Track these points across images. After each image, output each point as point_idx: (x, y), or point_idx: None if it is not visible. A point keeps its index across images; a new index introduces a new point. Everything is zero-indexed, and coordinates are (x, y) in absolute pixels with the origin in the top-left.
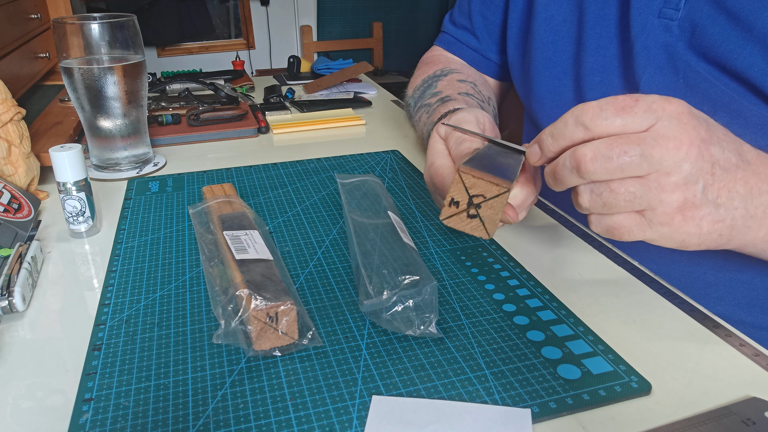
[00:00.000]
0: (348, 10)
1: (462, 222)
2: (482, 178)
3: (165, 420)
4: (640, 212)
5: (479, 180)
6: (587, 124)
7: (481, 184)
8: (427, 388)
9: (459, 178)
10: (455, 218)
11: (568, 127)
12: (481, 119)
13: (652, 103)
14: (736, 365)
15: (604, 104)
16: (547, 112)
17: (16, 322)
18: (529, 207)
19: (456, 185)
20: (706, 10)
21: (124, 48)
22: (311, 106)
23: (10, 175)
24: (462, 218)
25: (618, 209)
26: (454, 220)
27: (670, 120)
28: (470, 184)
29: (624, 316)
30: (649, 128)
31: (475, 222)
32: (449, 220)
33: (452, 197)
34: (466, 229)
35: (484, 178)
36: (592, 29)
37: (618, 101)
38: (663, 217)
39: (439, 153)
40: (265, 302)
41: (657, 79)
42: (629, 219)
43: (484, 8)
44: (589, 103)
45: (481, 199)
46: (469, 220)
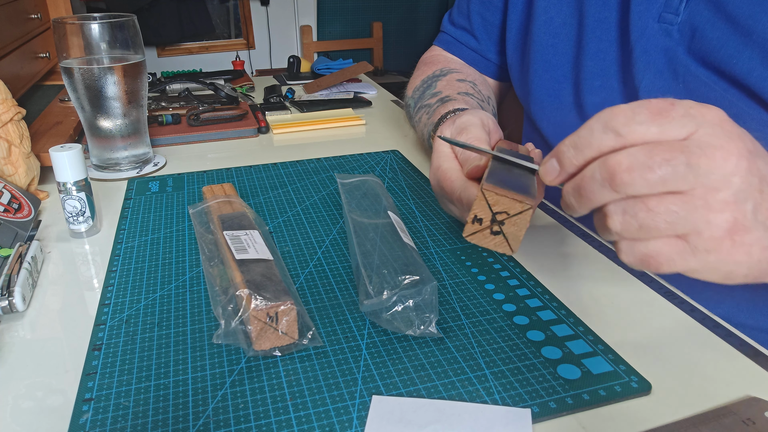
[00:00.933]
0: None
1: (485, 239)
2: (506, 196)
3: (165, 420)
4: (682, 237)
5: (502, 197)
6: (619, 130)
7: (504, 201)
8: (427, 388)
9: (482, 196)
10: (478, 235)
11: (595, 135)
12: (485, 121)
13: (690, 108)
14: (736, 365)
15: (636, 108)
16: (546, 115)
17: (16, 322)
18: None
19: (479, 202)
20: (705, 15)
21: (124, 48)
22: (311, 106)
23: (10, 175)
24: (485, 235)
25: (657, 233)
26: (477, 236)
27: (713, 127)
28: (493, 202)
29: (624, 316)
30: (688, 136)
31: (499, 239)
32: (472, 237)
33: (475, 214)
34: (490, 245)
35: (507, 196)
36: (591, 33)
37: (652, 104)
38: (710, 242)
39: (445, 156)
40: (265, 302)
41: (657, 83)
42: (669, 246)
43: (483, 9)
44: (619, 107)
45: (504, 216)
46: (493, 237)
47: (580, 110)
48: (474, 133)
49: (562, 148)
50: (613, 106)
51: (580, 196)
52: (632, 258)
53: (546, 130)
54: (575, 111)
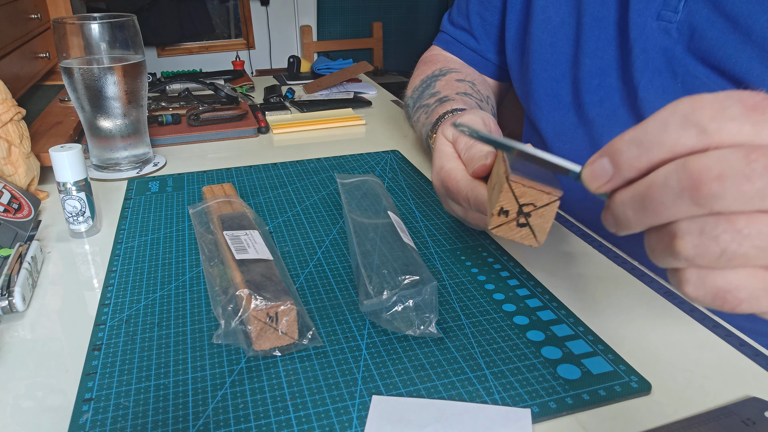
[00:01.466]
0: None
1: (512, 231)
2: (533, 187)
3: (165, 420)
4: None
5: (530, 189)
6: (705, 126)
7: (531, 193)
8: (427, 388)
9: (509, 188)
10: (504, 227)
11: (671, 131)
12: (486, 121)
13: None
14: (736, 365)
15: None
16: (545, 115)
17: (16, 322)
18: None
19: (506, 194)
20: (704, 14)
21: (124, 48)
22: (311, 106)
23: (10, 175)
24: (512, 227)
25: (742, 261)
26: (503, 228)
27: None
28: (520, 193)
29: (624, 316)
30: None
31: (525, 231)
32: (498, 230)
33: (501, 206)
34: (516, 237)
35: (534, 187)
36: (590, 31)
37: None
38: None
39: (448, 156)
40: (265, 302)
41: (655, 82)
42: (755, 279)
43: (482, 9)
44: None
45: (531, 207)
46: (519, 229)
47: (578, 109)
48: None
49: (620, 146)
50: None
51: (645, 209)
52: (702, 292)
53: (544, 130)
54: (573, 110)
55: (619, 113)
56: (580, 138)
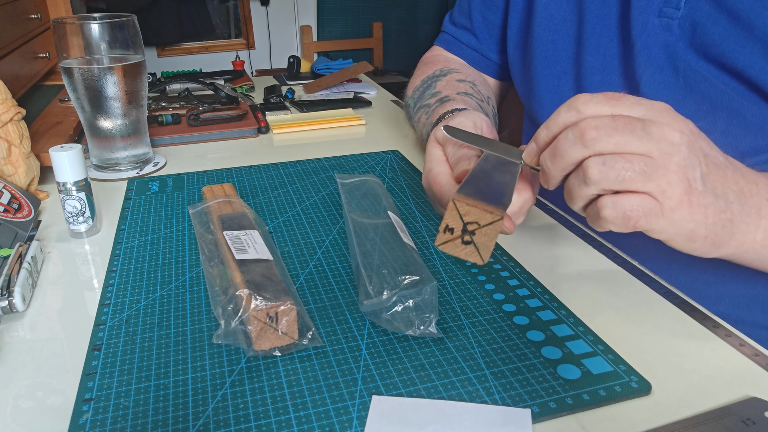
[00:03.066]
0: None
1: (457, 248)
2: (476, 206)
3: (165, 420)
4: (651, 195)
5: (473, 208)
6: (579, 108)
7: (475, 212)
8: (427, 388)
9: (453, 206)
10: (450, 244)
11: (561, 115)
12: (478, 123)
13: (640, 99)
14: (736, 365)
15: (595, 94)
16: (546, 112)
17: (16, 322)
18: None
19: (450, 212)
20: (706, 10)
21: (124, 48)
22: (311, 106)
23: (10, 175)
24: (457, 244)
25: (632, 183)
26: (449, 246)
27: (660, 111)
28: (464, 212)
29: (624, 316)
30: (641, 117)
31: (470, 248)
32: (444, 246)
33: (447, 224)
34: (461, 255)
35: (477, 206)
36: (592, 28)
37: (607, 94)
38: (673, 200)
39: (436, 160)
40: (265, 302)
41: (657, 78)
42: (645, 201)
43: (483, 8)
44: (581, 93)
45: (475, 226)
46: (464, 246)
47: None
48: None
49: (538, 132)
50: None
51: (554, 156)
52: (614, 213)
53: None
54: None
55: None
56: None
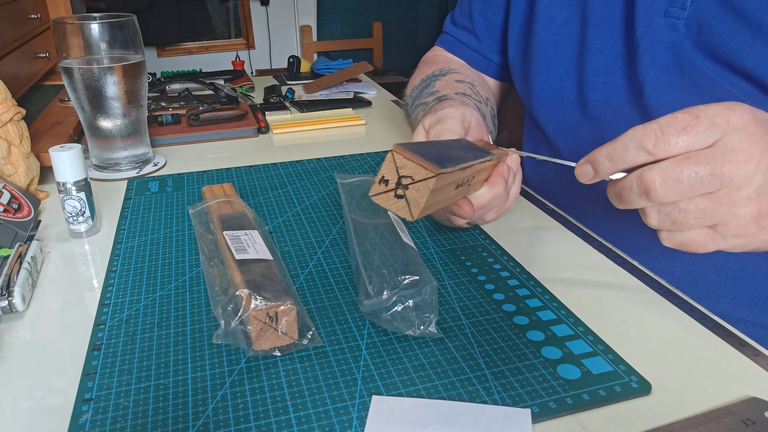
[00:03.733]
0: (348, 10)
1: (389, 200)
2: (412, 160)
3: (165, 420)
4: (712, 227)
5: (409, 161)
6: (650, 150)
7: (410, 166)
8: (427, 388)
9: (391, 157)
10: (383, 196)
11: (629, 152)
12: (467, 117)
13: (714, 117)
14: (736, 365)
15: (665, 127)
16: (549, 113)
17: (16, 322)
18: (502, 210)
19: (387, 164)
20: (712, 9)
21: (124, 48)
22: (311, 106)
23: (10, 175)
24: (389, 197)
25: (689, 226)
26: (381, 198)
27: (737, 132)
28: (400, 164)
29: (624, 316)
30: (714, 143)
31: (401, 202)
32: (377, 198)
33: (383, 175)
34: (392, 208)
35: (413, 160)
36: (595, 30)
37: (678, 122)
38: (737, 230)
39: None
40: (265, 302)
41: (663, 78)
42: (702, 234)
43: (484, 8)
44: (649, 127)
45: (409, 180)
46: (396, 200)
47: (583, 107)
48: (449, 124)
49: (598, 158)
50: (645, 125)
51: (621, 201)
52: (671, 244)
53: (548, 127)
54: (578, 108)
55: (626, 110)
56: (584, 134)
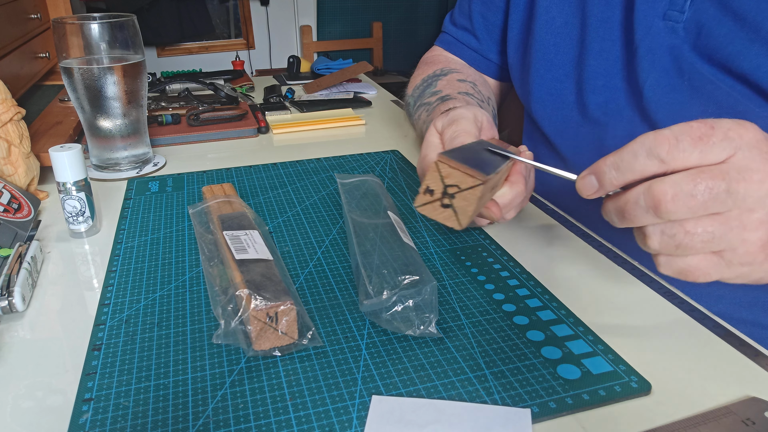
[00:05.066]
0: (348, 10)
1: (435, 211)
2: (458, 169)
3: (165, 420)
4: (717, 253)
5: (455, 170)
6: (663, 158)
7: (456, 175)
8: (427, 388)
9: (435, 167)
10: (429, 206)
11: (639, 160)
12: (479, 117)
13: (728, 130)
14: (736, 365)
15: (679, 134)
16: (548, 114)
17: (16, 322)
18: (520, 207)
19: (432, 174)
20: (711, 12)
21: (123, 48)
22: (311, 106)
23: (10, 175)
24: (435, 207)
25: (694, 251)
26: (427, 208)
27: (750, 150)
28: (446, 174)
29: (624, 316)
30: (727, 159)
31: (448, 212)
32: (423, 208)
33: (428, 185)
34: (439, 218)
35: (459, 169)
36: (594, 32)
37: (693, 130)
38: (744, 257)
39: (433, 146)
40: (265, 302)
41: (662, 81)
42: (705, 261)
43: (484, 9)
44: (662, 134)
45: (455, 189)
46: (443, 210)
47: (582, 109)
48: (464, 125)
49: (603, 168)
50: (656, 132)
51: (623, 217)
52: (670, 271)
53: (547, 128)
54: (577, 110)
55: (625, 113)
56: (583, 136)
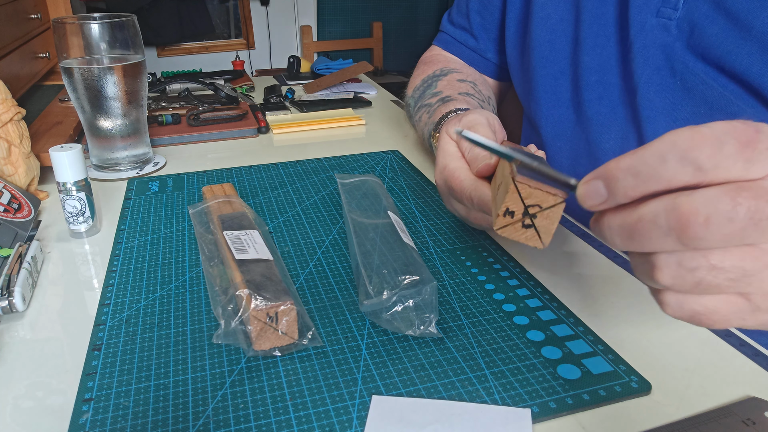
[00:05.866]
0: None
1: (517, 232)
2: (539, 189)
3: (165, 420)
4: (744, 294)
5: (536, 190)
6: (702, 164)
7: (537, 194)
8: (427, 388)
9: (515, 189)
10: (510, 228)
11: (669, 166)
12: (491, 121)
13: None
14: (736, 365)
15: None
16: (544, 112)
17: (16, 322)
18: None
19: (512, 195)
20: (704, 10)
21: (124, 48)
22: (311, 106)
23: (10, 175)
24: (517, 228)
25: (716, 290)
26: (508, 230)
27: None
28: (526, 195)
29: (624, 316)
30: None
31: (531, 232)
32: (504, 230)
33: (507, 207)
34: (521, 238)
35: (541, 189)
36: (589, 28)
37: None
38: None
39: (452, 156)
40: (265, 302)
41: (654, 79)
42: (728, 304)
43: (481, 8)
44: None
45: (537, 209)
46: (524, 230)
47: (577, 107)
48: (481, 132)
49: (616, 173)
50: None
51: (630, 238)
52: (680, 314)
53: (543, 128)
54: (572, 108)
55: (618, 111)
56: (578, 136)
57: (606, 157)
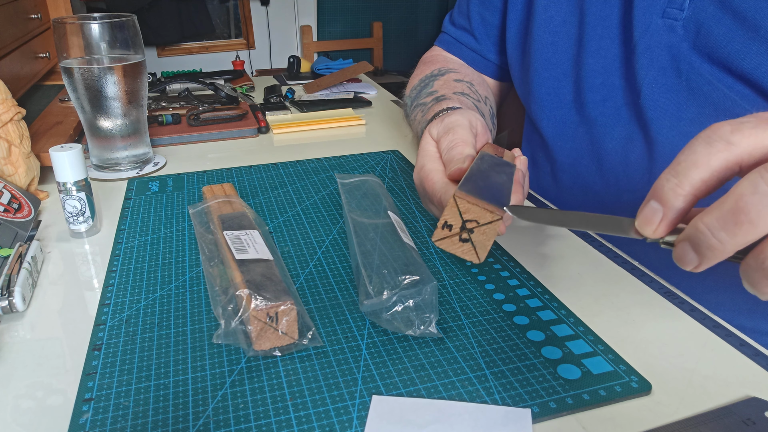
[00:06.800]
0: (348, 10)
1: (454, 245)
2: (477, 204)
3: (165, 420)
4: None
5: (473, 206)
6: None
7: (475, 210)
8: (427, 388)
9: (454, 203)
10: (447, 241)
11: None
12: (473, 122)
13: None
14: (736, 365)
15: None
16: (546, 114)
17: (16, 322)
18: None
19: (450, 209)
20: (711, 10)
21: (124, 48)
22: (311, 106)
23: (10, 175)
24: (454, 241)
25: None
26: (445, 242)
27: None
28: (464, 209)
29: (624, 316)
30: None
31: (467, 246)
32: (441, 242)
33: (446, 220)
34: (458, 252)
35: (478, 205)
36: (593, 30)
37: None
38: None
39: (429, 156)
40: (265, 302)
41: (659, 81)
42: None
43: (482, 9)
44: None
45: (474, 224)
46: (461, 244)
47: (580, 108)
48: (460, 134)
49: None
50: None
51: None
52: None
53: (545, 129)
54: (575, 109)
55: (622, 112)
56: (580, 137)
57: (609, 157)
